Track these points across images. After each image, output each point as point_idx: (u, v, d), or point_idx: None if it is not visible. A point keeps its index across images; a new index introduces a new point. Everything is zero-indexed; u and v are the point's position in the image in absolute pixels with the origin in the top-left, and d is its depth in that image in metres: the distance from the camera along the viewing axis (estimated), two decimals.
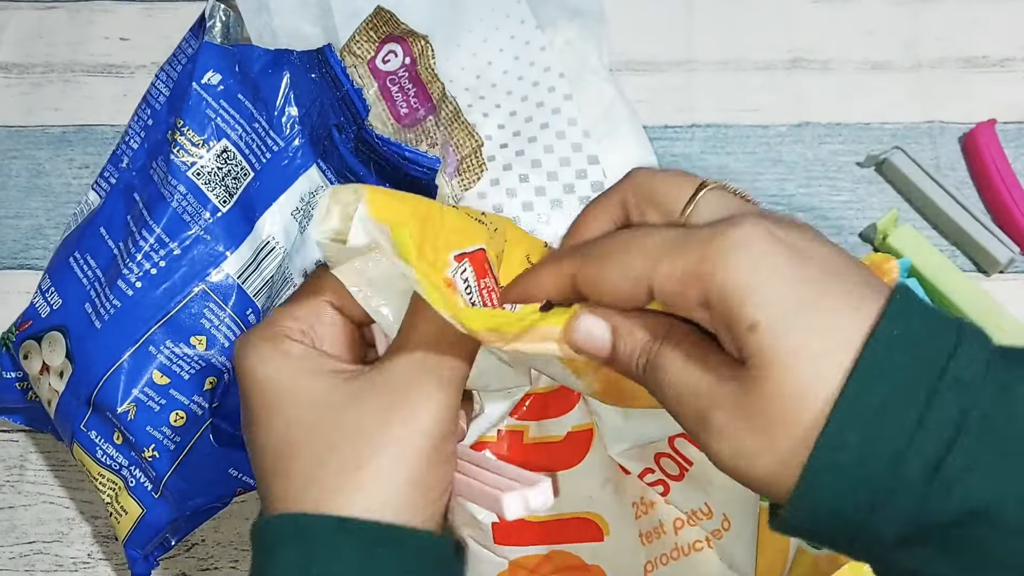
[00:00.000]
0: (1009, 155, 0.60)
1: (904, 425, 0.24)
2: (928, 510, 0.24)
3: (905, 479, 0.24)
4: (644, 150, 0.59)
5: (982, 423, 0.24)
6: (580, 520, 0.42)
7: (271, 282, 0.51)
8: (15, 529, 0.55)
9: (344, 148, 0.49)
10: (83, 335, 0.50)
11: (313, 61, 0.50)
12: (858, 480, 0.24)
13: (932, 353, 0.25)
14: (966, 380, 0.24)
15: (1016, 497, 0.24)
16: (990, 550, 0.24)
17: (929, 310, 0.26)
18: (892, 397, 0.24)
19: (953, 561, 0.25)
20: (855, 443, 0.24)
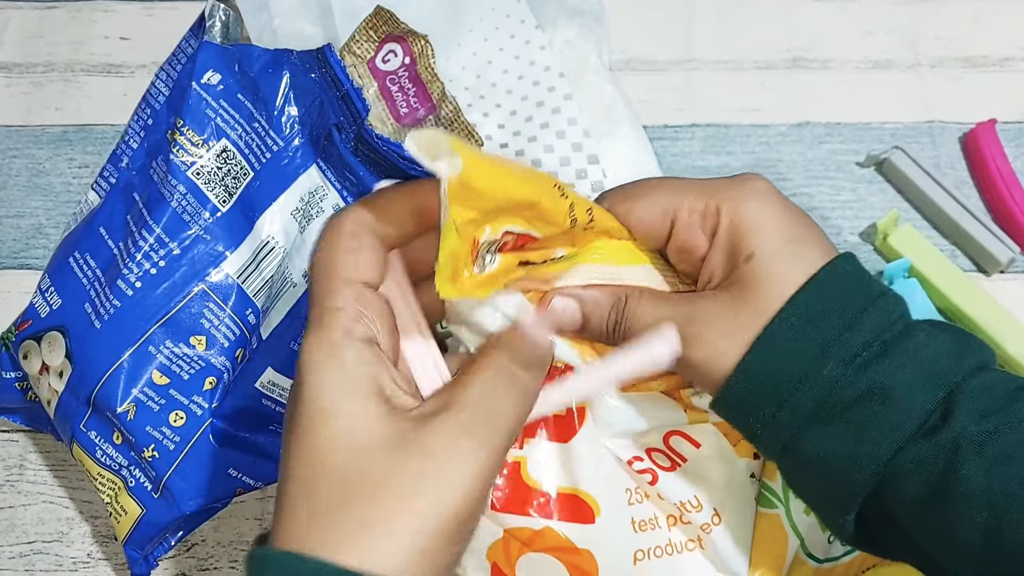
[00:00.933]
0: (1009, 155, 0.60)
1: (836, 324, 0.32)
2: (842, 386, 0.32)
3: (829, 360, 0.32)
4: (644, 150, 0.59)
5: (893, 340, 0.32)
6: (572, 497, 0.41)
7: (271, 282, 0.51)
8: (15, 529, 0.55)
9: (344, 148, 0.49)
10: (83, 335, 0.50)
11: (313, 61, 0.50)
12: (793, 354, 0.32)
13: (869, 288, 0.33)
14: (889, 311, 0.32)
15: (906, 383, 0.31)
16: (878, 423, 0.31)
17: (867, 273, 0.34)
18: (830, 306, 0.32)
19: (847, 436, 0.32)
20: (796, 327, 0.32)
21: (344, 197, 0.50)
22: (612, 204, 0.37)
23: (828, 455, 0.32)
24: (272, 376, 0.49)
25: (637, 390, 0.42)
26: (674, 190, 0.36)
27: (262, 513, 0.55)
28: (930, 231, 0.60)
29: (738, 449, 0.44)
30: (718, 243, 0.35)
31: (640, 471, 0.42)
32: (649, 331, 0.35)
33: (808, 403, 0.32)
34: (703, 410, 0.42)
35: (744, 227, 0.34)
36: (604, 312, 0.36)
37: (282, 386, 0.49)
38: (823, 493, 0.34)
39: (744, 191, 0.35)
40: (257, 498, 0.55)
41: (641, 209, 0.36)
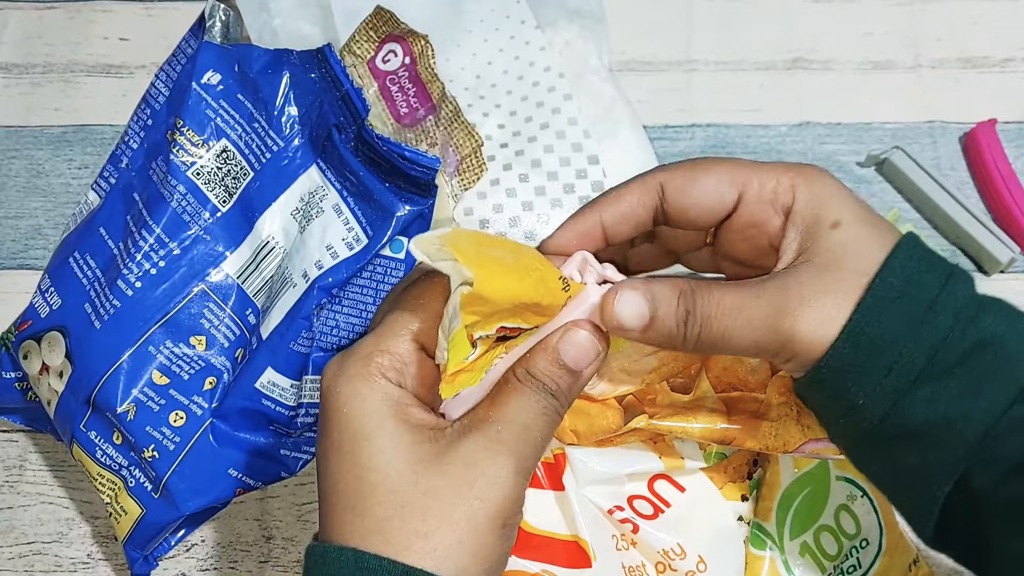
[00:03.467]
0: (1010, 155, 0.60)
1: (934, 283, 0.32)
2: (953, 340, 0.31)
3: (936, 314, 0.31)
4: (644, 150, 0.59)
5: (985, 298, 0.32)
6: (570, 544, 0.42)
7: (271, 282, 0.51)
8: (14, 529, 0.55)
9: (344, 148, 0.49)
10: (83, 335, 0.50)
11: (313, 61, 0.50)
12: (900, 313, 0.32)
13: (945, 261, 0.33)
14: (968, 276, 0.33)
15: (1015, 333, 0.31)
16: (993, 375, 0.31)
17: None
18: (923, 267, 0.32)
19: (961, 391, 0.31)
20: (898, 286, 0.32)
21: (344, 197, 0.50)
22: (671, 174, 0.36)
23: (938, 415, 0.31)
24: (272, 376, 0.49)
25: (612, 443, 0.42)
26: (743, 165, 0.36)
27: (262, 513, 0.55)
28: (930, 231, 0.60)
29: (724, 492, 0.44)
30: (795, 218, 0.34)
31: (621, 520, 0.42)
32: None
33: (920, 359, 0.31)
34: (680, 455, 0.43)
35: (824, 199, 0.34)
36: (672, 302, 0.34)
37: (282, 386, 0.49)
38: (922, 462, 0.33)
39: (815, 172, 0.35)
40: (257, 498, 0.55)
41: (708, 179, 0.35)
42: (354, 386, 0.32)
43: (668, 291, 0.34)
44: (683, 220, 0.36)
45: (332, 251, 0.49)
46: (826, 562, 0.44)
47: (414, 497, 0.31)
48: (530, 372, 0.34)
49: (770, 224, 0.35)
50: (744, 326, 0.33)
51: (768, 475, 0.45)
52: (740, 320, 0.33)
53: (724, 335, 0.33)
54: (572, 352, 0.34)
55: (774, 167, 0.35)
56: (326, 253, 0.49)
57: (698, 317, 0.34)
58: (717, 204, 0.35)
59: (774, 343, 0.33)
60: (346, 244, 0.49)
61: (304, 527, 0.54)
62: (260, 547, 0.54)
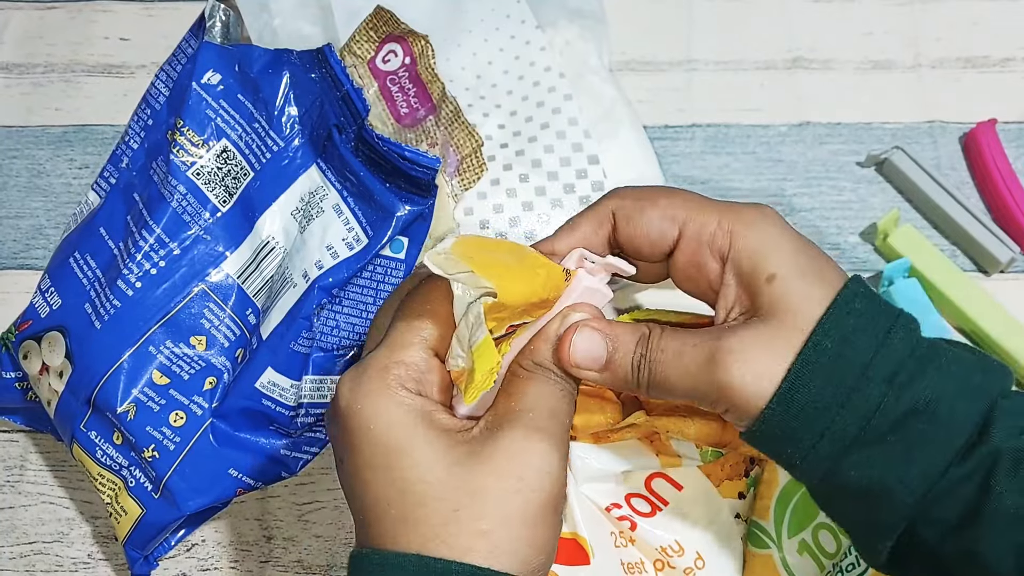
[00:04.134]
0: (1010, 155, 0.60)
1: (870, 344, 0.32)
2: (886, 406, 0.31)
3: (869, 381, 0.31)
4: (644, 150, 0.59)
5: (926, 357, 0.32)
6: (568, 541, 0.42)
7: (271, 282, 0.51)
8: (15, 529, 0.55)
9: (344, 148, 0.49)
10: (83, 335, 0.50)
11: (313, 61, 0.50)
12: (832, 379, 0.31)
13: (887, 307, 0.33)
14: (912, 328, 0.33)
15: (948, 397, 0.31)
16: (926, 442, 0.31)
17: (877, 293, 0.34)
18: (860, 326, 0.32)
19: (894, 458, 0.31)
20: (831, 350, 0.32)
21: (344, 197, 0.50)
22: (623, 202, 0.36)
23: (873, 480, 0.32)
24: (272, 376, 0.49)
25: (610, 440, 0.42)
26: (687, 200, 0.36)
27: (262, 513, 0.55)
28: (930, 231, 0.60)
29: (721, 490, 0.44)
30: (731, 268, 0.34)
31: (619, 518, 0.42)
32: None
33: (852, 428, 0.31)
34: (677, 454, 0.43)
35: (762, 250, 0.34)
36: (630, 348, 0.34)
37: (282, 386, 0.49)
38: (864, 519, 0.33)
39: (755, 216, 0.35)
40: (257, 498, 0.55)
41: (653, 212, 0.36)
42: (375, 401, 0.32)
43: (629, 336, 0.35)
44: (632, 250, 0.37)
45: (332, 251, 0.49)
46: (825, 560, 0.44)
47: (464, 499, 0.31)
48: (537, 362, 0.34)
49: (708, 267, 0.35)
50: (682, 372, 0.33)
51: (765, 473, 0.45)
52: (679, 366, 0.33)
53: (665, 380, 0.34)
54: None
55: (716, 208, 0.35)
56: (326, 253, 0.49)
57: (647, 362, 0.34)
58: (659, 240, 0.36)
59: (709, 392, 0.33)
60: (346, 244, 0.49)
61: (304, 527, 0.54)
62: (260, 547, 0.54)
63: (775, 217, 0.35)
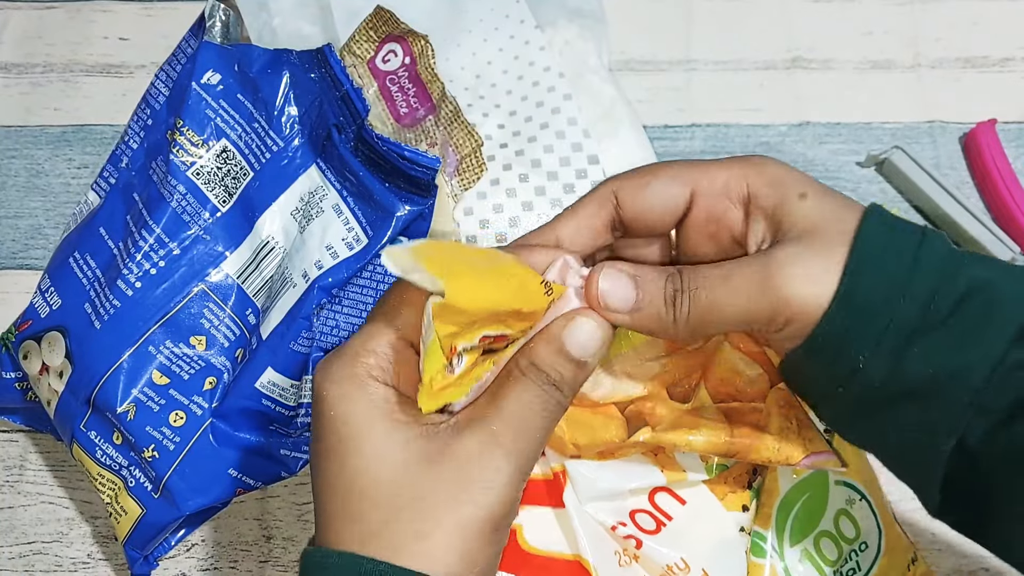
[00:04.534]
0: (1009, 155, 0.60)
1: (914, 239, 0.32)
2: (944, 290, 0.31)
3: (922, 269, 0.31)
4: (644, 150, 0.59)
5: (963, 251, 0.32)
6: (572, 563, 0.42)
7: (271, 282, 0.51)
8: (15, 529, 0.55)
9: (344, 148, 0.49)
10: (83, 335, 0.50)
11: (313, 61, 0.50)
12: (887, 272, 0.32)
13: (913, 224, 0.33)
14: (942, 235, 0.33)
15: (998, 279, 0.31)
16: (988, 321, 0.31)
17: None
18: (899, 228, 0.33)
19: (960, 340, 0.31)
20: (880, 245, 0.32)
21: (344, 197, 0.50)
22: (623, 182, 0.36)
23: (937, 368, 0.31)
24: (272, 376, 0.49)
25: (613, 456, 0.42)
26: (689, 164, 0.35)
27: (262, 513, 0.55)
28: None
29: (726, 503, 0.43)
30: (757, 203, 0.34)
31: (625, 536, 0.42)
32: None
33: (914, 314, 0.31)
34: (682, 468, 0.43)
35: (784, 179, 0.34)
36: (659, 283, 0.33)
37: (282, 386, 0.49)
38: (926, 423, 0.32)
39: (762, 159, 0.35)
40: (257, 498, 0.55)
41: (658, 182, 0.35)
42: (342, 388, 0.32)
43: (654, 273, 0.34)
44: (640, 227, 0.36)
45: (332, 251, 0.49)
46: (826, 567, 0.44)
47: (409, 499, 0.31)
48: (534, 363, 0.33)
49: (729, 216, 0.35)
50: (733, 294, 0.32)
51: (767, 482, 0.45)
52: (728, 288, 0.33)
53: (713, 307, 0.33)
54: (577, 339, 0.33)
55: (722, 162, 0.35)
56: (326, 253, 0.49)
57: (686, 294, 0.33)
58: (671, 205, 0.35)
59: (766, 309, 0.32)
60: (346, 244, 0.49)
61: (304, 527, 0.54)
62: (260, 547, 0.54)
63: (780, 161, 0.35)
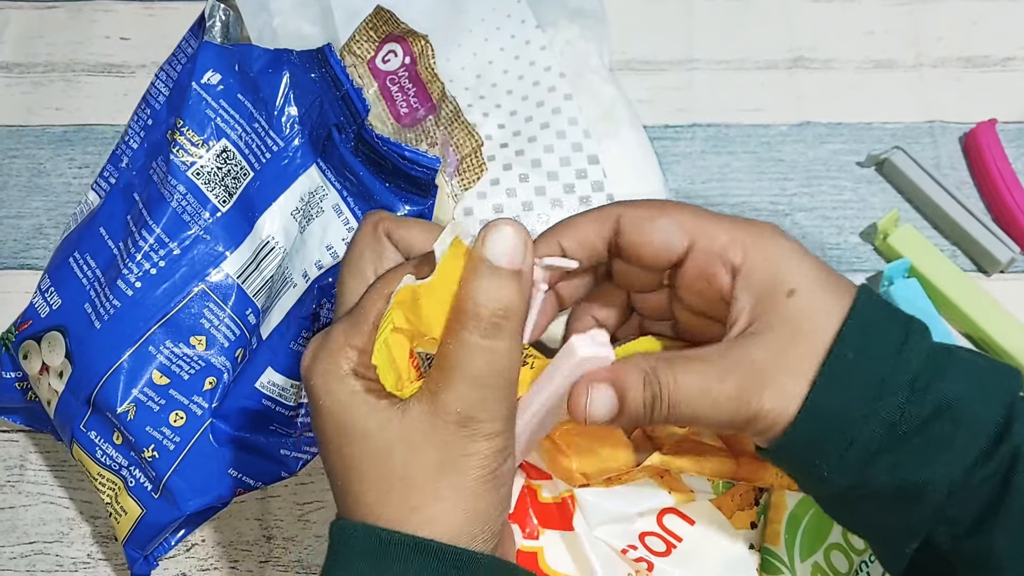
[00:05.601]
0: (1010, 155, 0.60)
1: (888, 352, 0.32)
2: (910, 410, 0.32)
3: (891, 387, 0.32)
4: (644, 150, 0.59)
5: (940, 358, 0.33)
6: None
7: (271, 282, 0.51)
8: (15, 529, 0.55)
9: (344, 148, 0.49)
10: (83, 335, 0.50)
11: (313, 61, 0.50)
12: (856, 387, 0.32)
13: (898, 314, 0.34)
14: (924, 333, 0.33)
15: (968, 398, 0.32)
16: (951, 442, 0.31)
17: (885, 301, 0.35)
18: (876, 334, 0.33)
19: (921, 460, 0.32)
20: (852, 360, 0.32)
21: (344, 197, 0.50)
22: (628, 209, 0.36)
23: (900, 484, 0.32)
24: (272, 376, 0.49)
25: (621, 482, 0.42)
26: (698, 213, 0.36)
27: (262, 513, 0.55)
28: (930, 231, 0.60)
29: (734, 521, 0.43)
30: (744, 282, 0.34)
31: (636, 559, 0.42)
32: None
33: (878, 434, 0.32)
34: (689, 489, 0.43)
35: (781, 263, 0.34)
36: (638, 390, 0.34)
37: (282, 386, 0.49)
38: (892, 524, 0.34)
39: (767, 232, 0.35)
40: (257, 498, 0.55)
41: (662, 220, 0.35)
42: (325, 382, 0.33)
43: (634, 377, 0.34)
44: (635, 257, 0.36)
45: (332, 251, 0.49)
46: None
47: (406, 472, 0.32)
48: (463, 309, 0.32)
49: (719, 279, 0.35)
50: (712, 408, 0.33)
51: (774, 497, 0.44)
52: (707, 404, 0.33)
53: (694, 417, 0.34)
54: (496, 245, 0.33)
55: (729, 222, 0.35)
56: (326, 253, 0.49)
57: (664, 400, 0.34)
58: (667, 247, 0.35)
59: (741, 421, 0.33)
60: (346, 244, 0.49)
61: (304, 527, 0.54)
62: (260, 547, 0.54)
63: (784, 233, 0.35)
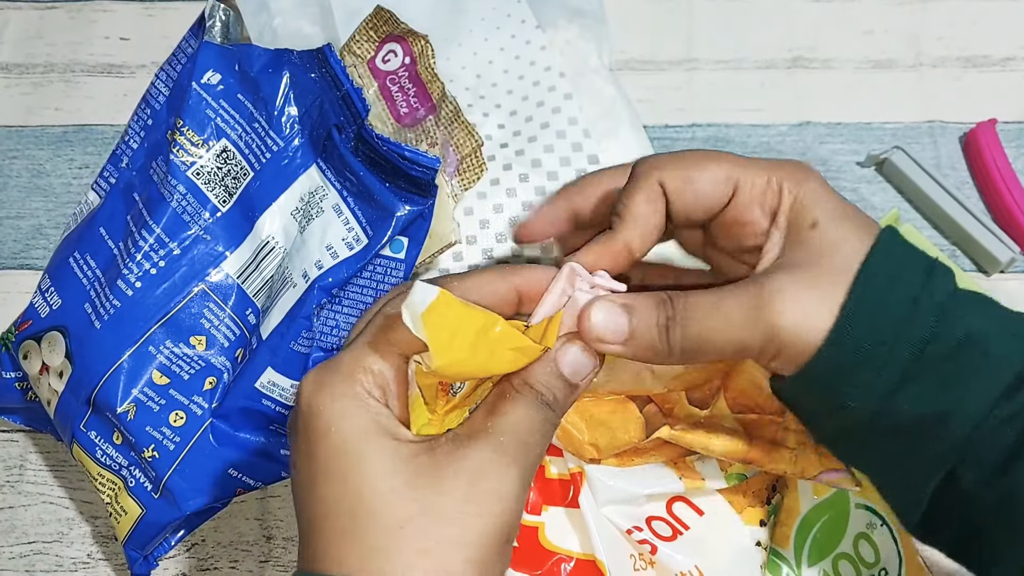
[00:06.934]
0: (1010, 155, 0.60)
1: (917, 280, 0.32)
2: (939, 337, 0.31)
3: (921, 312, 0.31)
4: (644, 150, 0.59)
5: (967, 294, 0.32)
6: (587, 563, 0.42)
7: (271, 282, 0.51)
8: (15, 529, 0.55)
9: (344, 148, 0.49)
10: (83, 335, 0.50)
11: (313, 61, 0.50)
12: (884, 312, 0.31)
13: (924, 254, 0.33)
14: (949, 270, 0.33)
15: (998, 330, 0.32)
16: (978, 374, 0.31)
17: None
18: (904, 263, 0.33)
19: (948, 389, 0.31)
20: (880, 286, 0.32)
21: (344, 197, 0.50)
22: (667, 172, 0.35)
23: (925, 414, 0.31)
24: (272, 376, 0.49)
25: (633, 463, 0.42)
26: (736, 161, 0.36)
27: (262, 513, 0.55)
28: (930, 231, 0.60)
29: (743, 517, 0.43)
30: (779, 222, 0.35)
31: (640, 541, 0.42)
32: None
33: (907, 359, 0.31)
34: (701, 477, 0.43)
35: (804, 202, 0.34)
36: (651, 312, 0.33)
37: (282, 386, 0.49)
38: (911, 460, 0.33)
39: (802, 174, 0.35)
40: (257, 498, 0.55)
41: (705, 175, 0.35)
42: (340, 405, 0.31)
43: (646, 301, 0.34)
44: (681, 220, 0.36)
45: (332, 251, 0.49)
46: None
47: (414, 515, 0.30)
48: (527, 382, 0.33)
49: (756, 225, 0.35)
50: (724, 323, 0.32)
51: (787, 501, 0.44)
52: (719, 317, 0.33)
53: (704, 335, 0.33)
54: (570, 363, 0.34)
55: (765, 165, 0.35)
56: (326, 253, 0.49)
57: (678, 322, 0.33)
58: (714, 202, 0.35)
59: (757, 340, 0.32)
60: (346, 244, 0.49)
61: None
62: (260, 547, 0.54)
63: (817, 174, 0.35)
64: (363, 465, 0.30)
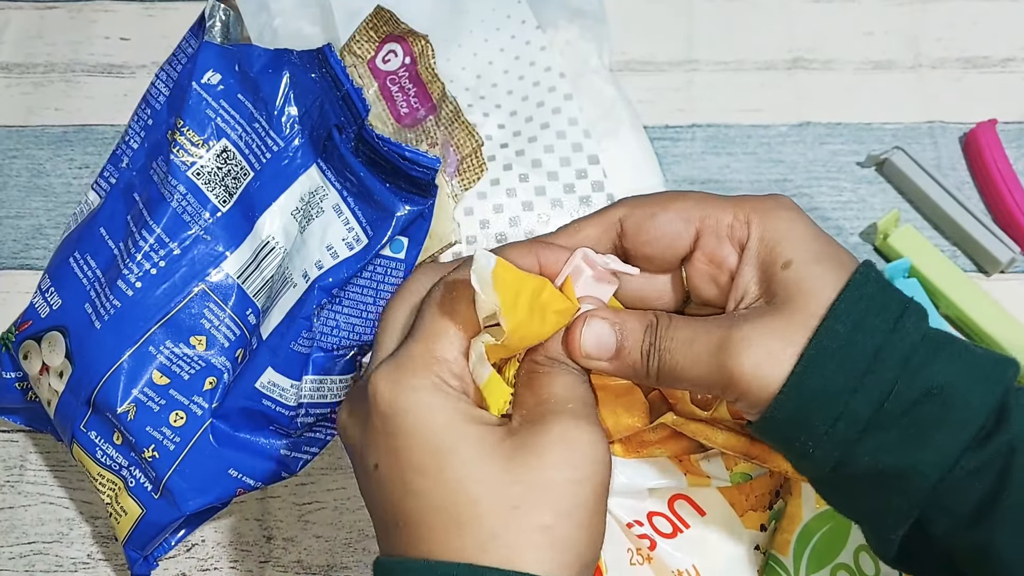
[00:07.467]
0: (1010, 155, 0.60)
1: (882, 328, 0.31)
2: (900, 390, 0.31)
3: (882, 364, 0.31)
4: (644, 150, 0.59)
5: (936, 340, 0.32)
6: None
7: (271, 282, 0.51)
8: (15, 529, 0.55)
9: (344, 148, 0.49)
10: (83, 335, 0.50)
11: (313, 61, 0.50)
12: (846, 362, 0.31)
13: (898, 293, 0.33)
14: (922, 315, 0.32)
15: (962, 382, 0.31)
16: (940, 426, 0.30)
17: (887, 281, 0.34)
18: (872, 310, 0.32)
19: (908, 443, 0.31)
20: (844, 334, 0.31)
21: (344, 197, 0.50)
22: (632, 209, 0.36)
23: (887, 466, 0.31)
24: (272, 376, 0.49)
25: (639, 456, 0.42)
26: (700, 200, 0.35)
27: (262, 513, 0.55)
28: (930, 231, 0.60)
29: (744, 520, 0.43)
30: (749, 256, 0.34)
31: (640, 536, 0.42)
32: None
33: (865, 411, 0.31)
34: (706, 475, 0.43)
35: (777, 237, 0.34)
36: (639, 336, 0.34)
37: (282, 386, 0.49)
38: (877, 508, 0.33)
39: (771, 205, 0.35)
40: (257, 498, 0.55)
41: (667, 215, 0.35)
42: (422, 399, 0.31)
43: (634, 324, 0.34)
44: (641, 257, 0.36)
45: (332, 251, 0.49)
46: None
47: (524, 494, 0.30)
48: (551, 357, 0.34)
49: (727, 261, 0.35)
50: (692, 360, 0.33)
51: (789, 507, 0.44)
52: (690, 354, 0.33)
53: (675, 368, 0.33)
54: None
55: (732, 201, 0.35)
56: (326, 253, 0.49)
57: (656, 351, 0.34)
58: (674, 241, 0.35)
59: (719, 380, 0.33)
60: (346, 244, 0.49)
61: (304, 527, 0.54)
62: (260, 547, 0.54)
63: (791, 204, 0.35)
64: (457, 456, 0.31)
